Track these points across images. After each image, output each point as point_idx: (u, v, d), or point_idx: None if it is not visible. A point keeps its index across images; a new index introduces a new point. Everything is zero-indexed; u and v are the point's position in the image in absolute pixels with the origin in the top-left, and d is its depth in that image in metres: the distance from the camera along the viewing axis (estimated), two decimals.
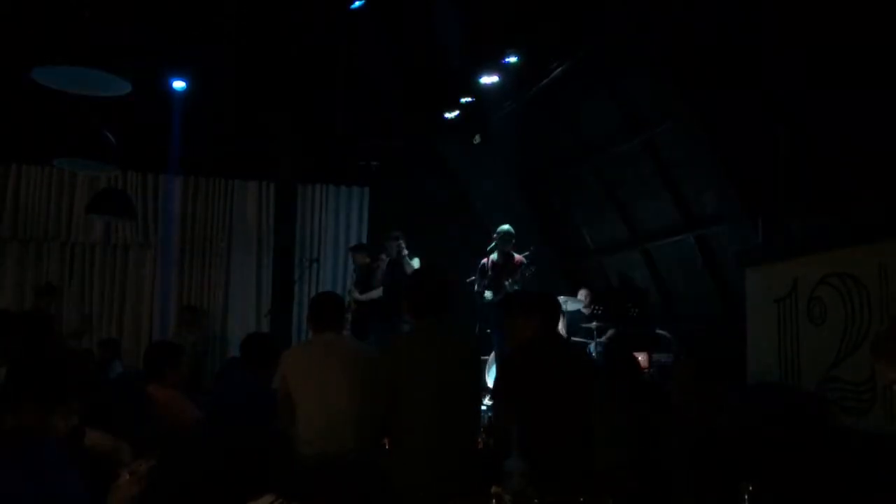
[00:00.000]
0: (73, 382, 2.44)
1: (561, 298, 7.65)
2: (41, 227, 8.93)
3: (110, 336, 8.69)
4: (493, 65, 7.20)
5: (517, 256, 7.35)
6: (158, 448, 3.12)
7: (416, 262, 7.56)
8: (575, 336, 7.83)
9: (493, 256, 7.40)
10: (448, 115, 8.12)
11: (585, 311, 7.99)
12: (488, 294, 7.30)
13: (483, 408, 4.28)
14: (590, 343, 7.69)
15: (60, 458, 2.30)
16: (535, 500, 2.59)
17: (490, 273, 7.35)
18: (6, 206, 8.84)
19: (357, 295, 8.01)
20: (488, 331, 7.21)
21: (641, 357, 6.76)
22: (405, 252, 7.61)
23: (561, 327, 7.77)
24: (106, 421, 2.95)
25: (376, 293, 7.89)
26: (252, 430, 3.83)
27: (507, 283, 7.16)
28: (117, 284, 9.25)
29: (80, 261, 9.16)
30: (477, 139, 8.56)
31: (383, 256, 7.87)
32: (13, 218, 8.86)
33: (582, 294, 8.09)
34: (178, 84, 7.51)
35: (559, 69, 7.23)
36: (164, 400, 3.98)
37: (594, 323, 7.76)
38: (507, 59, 7.08)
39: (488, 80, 7.33)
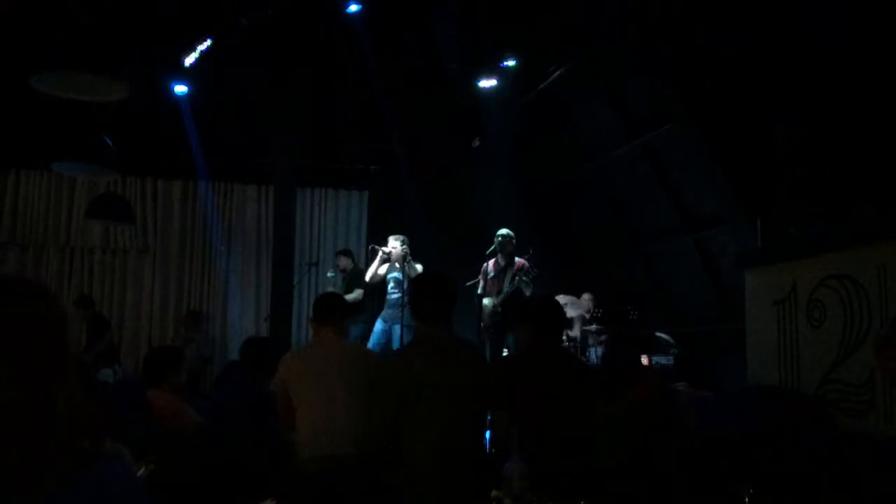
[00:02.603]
0: None
1: (562, 299, 7.67)
2: (40, 232, 8.93)
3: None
4: (492, 68, 7.21)
5: (518, 260, 7.32)
6: (158, 452, 3.12)
7: (419, 267, 7.55)
8: (572, 333, 7.84)
9: (497, 259, 7.37)
10: (446, 119, 8.13)
11: (586, 314, 7.99)
12: (486, 301, 7.29)
13: None
14: (589, 346, 7.69)
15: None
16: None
17: (492, 276, 7.32)
18: (5, 211, 8.84)
19: None
20: (488, 332, 7.21)
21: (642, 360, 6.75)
22: (408, 258, 7.58)
23: (576, 331, 7.80)
24: (104, 425, 2.94)
25: (354, 296, 7.88)
26: (253, 435, 3.84)
27: (506, 287, 7.14)
28: (116, 289, 9.25)
29: (79, 265, 9.16)
30: (476, 142, 8.57)
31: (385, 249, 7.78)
32: (12, 222, 8.85)
33: (585, 297, 8.09)
34: (180, 88, 7.51)
35: (558, 72, 7.25)
36: (164, 404, 3.98)
37: (594, 326, 7.77)
38: (505, 63, 7.09)
39: (487, 83, 7.34)
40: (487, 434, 3.34)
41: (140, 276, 9.30)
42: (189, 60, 6.90)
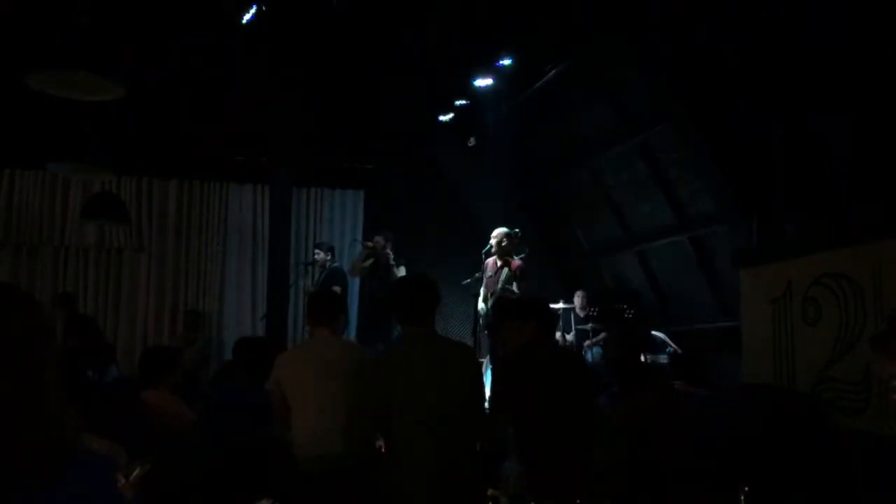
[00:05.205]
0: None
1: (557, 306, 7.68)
2: (34, 232, 8.89)
3: (105, 341, 8.64)
4: (488, 67, 7.21)
5: (515, 260, 7.31)
6: (154, 453, 3.11)
7: (402, 270, 7.53)
8: (569, 337, 7.85)
9: (495, 259, 7.36)
10: (442, 118, 8.14)
11: (581, 313, 8.01)
12: (481, 304, 7.29)
13: None
14: (584, 344, 7.70)
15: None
16: (532, 503, 2.59)
17: (490, 275, 7.31)
18: None
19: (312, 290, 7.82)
20: (486, 332, 7.21)
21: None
22: (392, 258, 7.57)
23: (571, 330, 7.82)
24: (101, 425, 2.93)
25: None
26: (249, 435, 3.83)
27: (499, 288, 7.12)
28: (111, 289, 9.22)
29: (74, 265, 9.11)
30: (472, 141, 8.56)
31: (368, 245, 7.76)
32: (6, 222, 8.81)
33: (578, 296, 8.11)
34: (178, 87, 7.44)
35: (554, 70, 7.25)
36: (160, 405, 3.97)
37: (589, 325, 7.78)
38: (501, 62, 7.08)
39: (482, 82, 7.34)
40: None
41: (135, 275, 9.25)
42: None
